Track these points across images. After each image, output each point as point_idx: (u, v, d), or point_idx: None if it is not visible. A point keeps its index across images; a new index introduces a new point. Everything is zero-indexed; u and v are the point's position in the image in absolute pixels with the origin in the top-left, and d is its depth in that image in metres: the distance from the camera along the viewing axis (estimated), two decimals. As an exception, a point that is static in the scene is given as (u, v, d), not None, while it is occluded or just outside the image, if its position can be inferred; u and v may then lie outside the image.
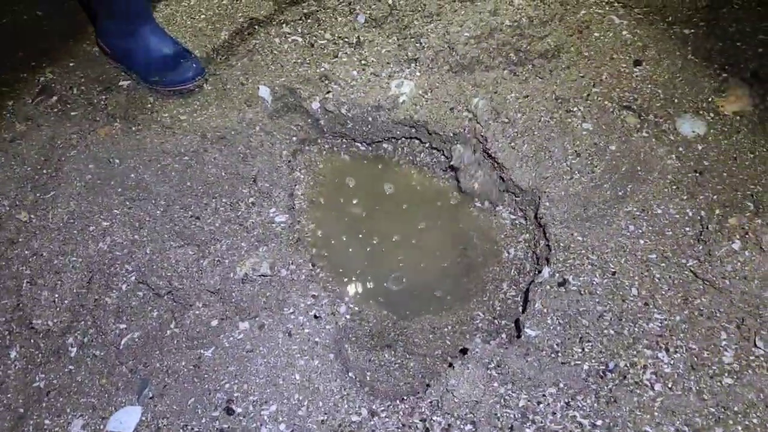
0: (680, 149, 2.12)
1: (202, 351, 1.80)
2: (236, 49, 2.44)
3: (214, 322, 1.83)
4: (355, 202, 2.26)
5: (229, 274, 1.88)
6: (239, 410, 1.70)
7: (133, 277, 1.87)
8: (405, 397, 1.75)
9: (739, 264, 1.85)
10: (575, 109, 2.23)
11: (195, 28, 2.52)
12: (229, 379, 1.75)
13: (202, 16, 2.54)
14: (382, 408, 1.72)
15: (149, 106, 2.27)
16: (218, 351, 1.80)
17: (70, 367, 1.77)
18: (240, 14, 2.55)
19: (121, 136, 2.16)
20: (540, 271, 1.98)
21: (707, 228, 1.93)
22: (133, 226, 1.96)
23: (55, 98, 2.27)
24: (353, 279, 2.10)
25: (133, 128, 2.19)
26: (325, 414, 1.70)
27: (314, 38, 2.47)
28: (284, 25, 2.51)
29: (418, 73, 2.35)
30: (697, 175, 2.06)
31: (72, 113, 2.22)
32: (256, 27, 2.51)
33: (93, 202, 2.00)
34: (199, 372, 1.76)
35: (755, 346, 1.75)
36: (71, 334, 1.81)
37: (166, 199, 2.03)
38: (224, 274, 1.88)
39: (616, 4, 2.48)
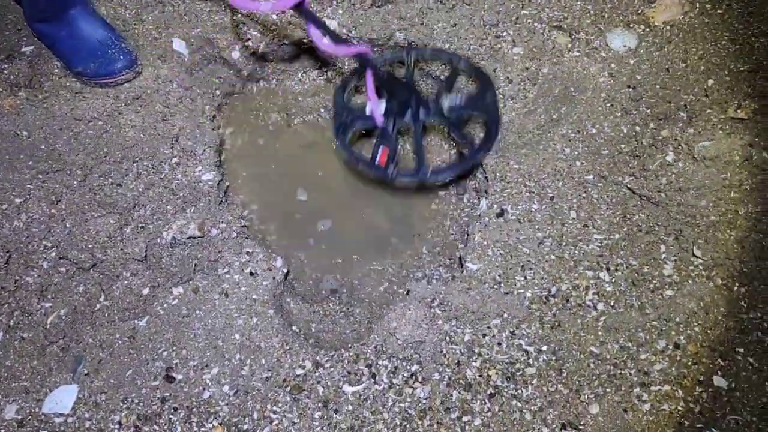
0: (612, 65, 2.07)
1: (135, 321, 1.73)
2: (145, 1, 2.29)
3: (146, 291, 1.76)
4: (286, 152, 2.17)
5: (156, 239, 1.80)
6: (180, 377, 1.65)
7: (54, 253, 1.77)
8: (350, 345, 1.71)
9: (673, 176, 1.83)
10: (504, 33, 2.15)
11: (99, -17, 2.35)
12: (166, 347, 1.69)
13: (105, -30, 2.37)
14: (327, 358, 1.68)
15: (56, 71, 2.12)
16: (153, 319, 1.73)
17: (-2, 352, 1.69)
18: (146, -36, 2.39)
19: (28, 107, 2.02)
20: (478, 204, 1.94)
21: (641, 143, 1.90)
22: (49, 200, 1.86)
23: (-48, 72, 2.12)
24: (290, 232, 2.03)
25: (40, 96, 2.05)
26: (269, 371, 1.67)
27: (227, -17, 2.32)
28: (195, -28, 2.35)
29: (340, 11, 2.24)
30: (631, 90, 2.02)
31: (-28, 86, 2.07)
32: (165, -24, 2.35)
33: (3, 179, 1.88)
34: (134, 343, 1.70)
35: (693, 255, 1.75)
36: (-5, 319, 1.72)
37: (82, 168, 1.92)
38: (150, 239, 1.79)
39: None
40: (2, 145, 1.93)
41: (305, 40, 2.21)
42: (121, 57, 2.01)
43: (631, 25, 2.14)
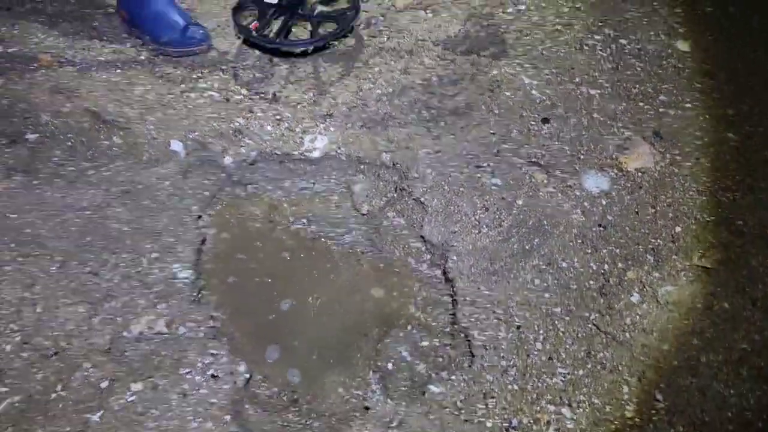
0: (585, 204, 2.17)
1: (89, 415, 1.70)
2: (150, 103, 2.42)
3: (104, 384, 1.74)
4: (266, 258, 2.22)
5: (122, 332, 1.80)
6: (124, 479, 1.60)
7: (18, 338, 1.77)
8: (303, 462, 1.68)
9: (638, 317, 1.88)
10: (485, 164, 2.27)
11: (110, 82, 2.49)
12: (115, 446, 1.66)
13: (118, 71, 2.52)
14: (278, 473, 1.64)
15: (55, 159, 2.21)
16: (107, 414, 1.70)
17: (-58, 436, 1.65)
18: (157, 70, 2.54)
19: (21, 190, 2.09)
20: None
21: (608, 282, 1.96)
22: (24, 283, 1.88)
23: (-45, 151, 2.20)
24: (258, 337, 2.04)
25: (35, 182, 2.12)
26: (217, 481, 1.62)
27: (230, 93, 2.47)
28: (201, 81, 2.51)
29: (332, 129, 2.37)
30: (601, 229, 2.10)
31: (-29, 167, 2.15)
32: (172, 81, 2.50)
33: (-18, 259, 1.91)
34: (83, 438, 1.66)
35: (655, 399, 1.75)
36: (-54, 400, 1.69)
37: (63, 255, 1.95)
38: (116, 332, 1.80)
39: (526, 65, 2.57)
40: (-12, 226, 1.98)
41: (295, 152, 2.32)
42: (200, 31, 2.58)
43: (605, 169, 2.26)
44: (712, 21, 2.81)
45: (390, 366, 2.01)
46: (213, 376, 1.79)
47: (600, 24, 2.78)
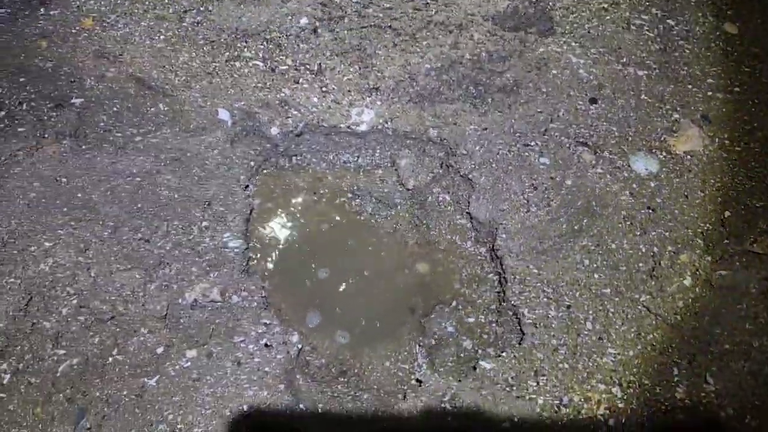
0: (634, 186, 2.16)
1: (145, 379, 1.71)
2: (195, 70, 2.40)
3: (160, 350, 1.75)
4: (311, 228, 2.22)
5: (178, 299, 1.81)
6: (182, 443, 1.63)
7: (75, 301, 1.78)
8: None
9: (690, 300, 1.88)
10: (533, 143, 2.25)
11: (154, 48, 2.47)
12: (173, 410, 1.67)
13: (162, 37, 2.50)
14: (333, 442, 1.66)
15: (102, 124, 2.20)
16: (163, 379, 1.72)
17: (2, 394, 1.67)
18: (201, 37, 2.52)
19: (70, 155, 2.08)
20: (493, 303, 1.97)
21: (659, 264, 1.96)
22: (78, 247, 1.88)
23: (2, 113, 2.18)
24: (308, 307, 2.05)
25: (83, 147, 2.11)
26: (273, 448, 1.64)
27: (275, 63, 2.45)
28: (246, 50, 2.49)
29: (378, 102, 2.35)
30: (650, 211, 2.10)
31: (19, 129, 2.14)
32: (216, 49, 2.48)
33: (36, 222, 1.91)
34: (141, 402, 1.68)
35: (706, 382, 1.76)
36: (5, 360, 1.70)
37: (114, 221, 1.96)
38: (172, 299, 1.81)
39: (573, 44, 2.54)
40: (40, 189, 1.98)
41: (342, 125, 2.31)
42: None
43: (654, 151, 2.24)
44: (760, 4, 2.76)
45: (436, 341, 2.03)
46: (266, 345, 1.81)
47: (647, 3, 2.73)
